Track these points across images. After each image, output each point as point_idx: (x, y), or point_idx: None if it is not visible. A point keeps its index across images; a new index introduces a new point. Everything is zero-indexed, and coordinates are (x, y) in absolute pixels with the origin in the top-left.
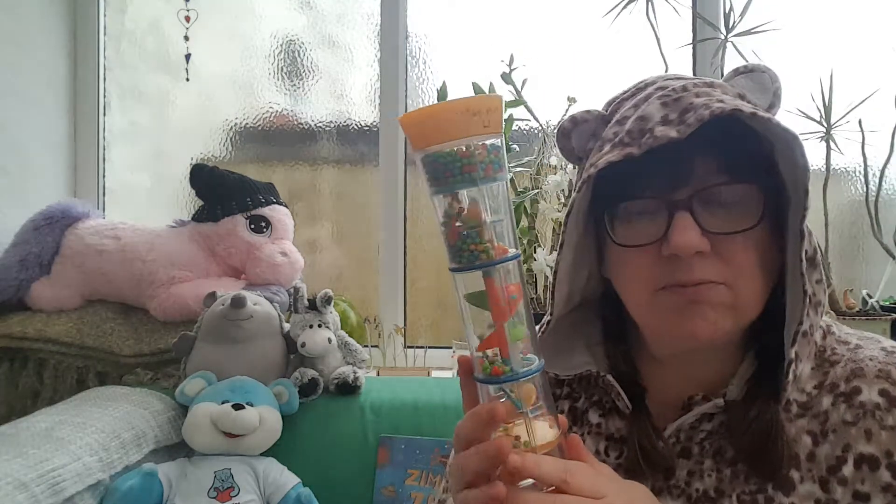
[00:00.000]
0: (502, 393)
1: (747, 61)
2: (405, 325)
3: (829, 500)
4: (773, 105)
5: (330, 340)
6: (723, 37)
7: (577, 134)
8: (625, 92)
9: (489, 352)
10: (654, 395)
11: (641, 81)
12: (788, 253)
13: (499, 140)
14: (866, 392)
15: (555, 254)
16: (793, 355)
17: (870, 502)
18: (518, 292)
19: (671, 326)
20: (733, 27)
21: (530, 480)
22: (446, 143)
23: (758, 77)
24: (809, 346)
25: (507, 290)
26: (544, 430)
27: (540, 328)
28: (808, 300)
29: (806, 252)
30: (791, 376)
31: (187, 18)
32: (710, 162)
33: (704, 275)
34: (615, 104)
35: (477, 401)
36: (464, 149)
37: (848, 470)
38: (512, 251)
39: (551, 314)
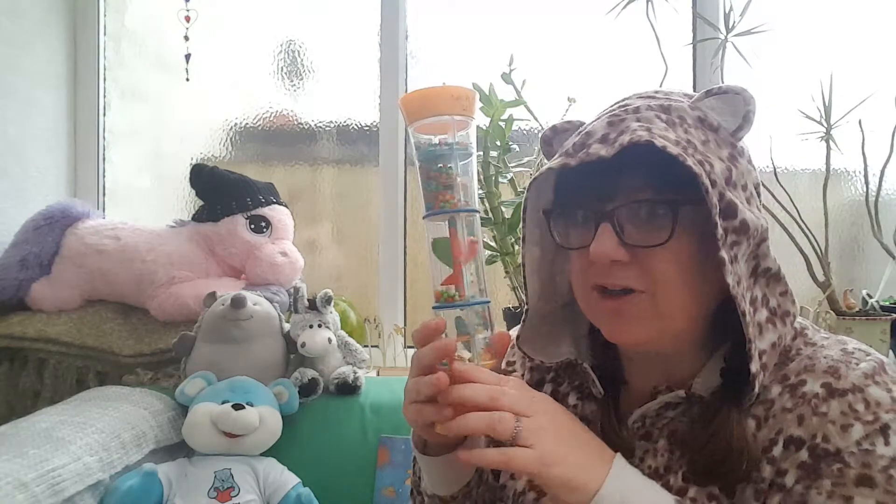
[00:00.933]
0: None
1: (747, 61)
2: (405, 325)
3: (758, 478)
4: (740, 128)
5: (330, 340)
6: (723, 37)
7: (557, 142)
8: (611, 105)
9: (450, 287)
10: (630, 386)
11: (623, 97)
12: (726, 274)
13: (472, 123)
14: (810, 384)
15: None
16: (754, 369)
17: (785, 477)
18: (474, 243)
19: (605, 330)
20: (733, 27)
21: None
22: (434, 118)
23: (730, 99)
24: (777, 355)
25: (467, 241)
26: (486, 356)
27: (521, 320)
28: (751, 318)
29: (767, 270)
30: (757, 388)
31: (187, 18)
32: (639, 180)
33: (623, 281)
34: (599, 113)
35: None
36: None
37: (777, 451)
38: (472, 207)
39: (527, 306)
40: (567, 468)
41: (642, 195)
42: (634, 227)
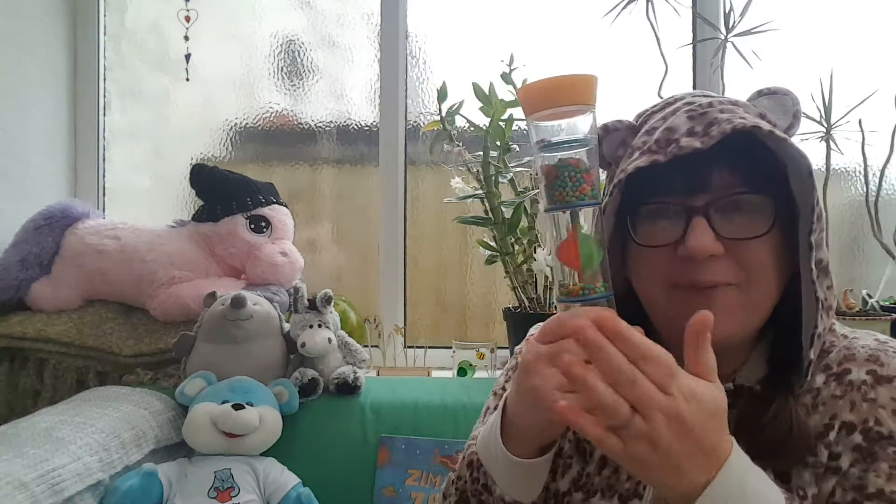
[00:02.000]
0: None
1: (747, 61)
2: (405, 325)
3: (815, 462)
4: (791, 126)
5: (330, 340)
6: (723, 37)
7: (607, 141)
8: (654, 106)
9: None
10: None
11: (671, 97)
12: (801, 262)
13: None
14: (855, 372)
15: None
16: (812, 356)
17: (839, 460)
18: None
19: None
20: (733, 27)
21: None
22: (568, 107)
23: (780, 99)
24: (820, 343)
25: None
26: None
27: None
28: (820, 305)
29: (820, 262)
30: (809, 376)
31: (187, 18)
32: (728, 173)
33: (717, 276)
34: (645, 116)
35: None
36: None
37: (833, 435)
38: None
39: None
40: (655, 478)
41: (738, 188)
42: (730, 220)
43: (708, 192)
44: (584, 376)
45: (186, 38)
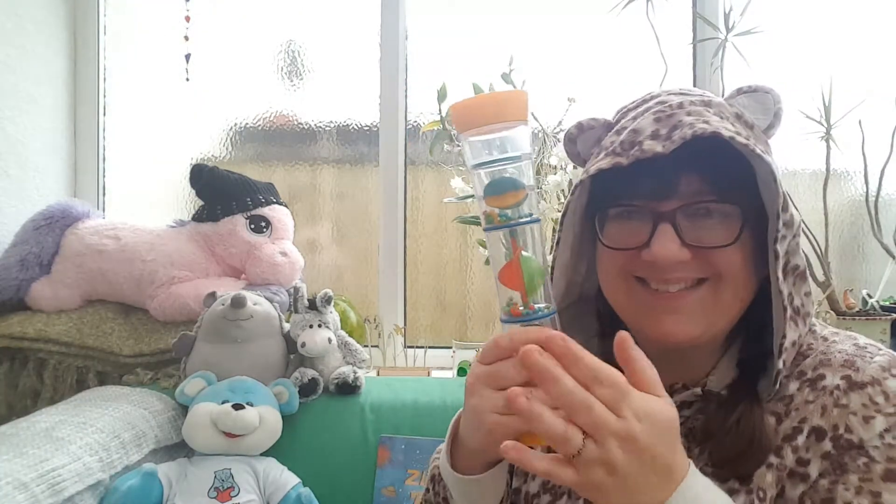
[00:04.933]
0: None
1: (747, 61)
2: (405, 325)
3: (779, 465)
4: (772, 125)
5: (330, 340)
6: (723, 37)
7: (582, 140)
8: (633, 102)
9: (514, 297)
10: None
11: (648, 94)
12: (770, 269)
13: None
14: (830, 378)
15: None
16: (780, 365)
17: (808, 466)
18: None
19: (652, 326)
20: (733, 27)
21: None
22: (492, 125)
23: (760, 97)
24: (794, 351)
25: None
26: None
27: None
28: (794, 312)
29: (796, 267)
30: (778, 385)
31: (187, 18)
32: (695, 178)
33: (687, 275)
34: (621, 113)
35: None
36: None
37: (801, 439)
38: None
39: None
40: (612, 501)
41: (707, 196)
42: (697, 227)
43: (675, 198)
44: (530, 408)
45: (186, 38)
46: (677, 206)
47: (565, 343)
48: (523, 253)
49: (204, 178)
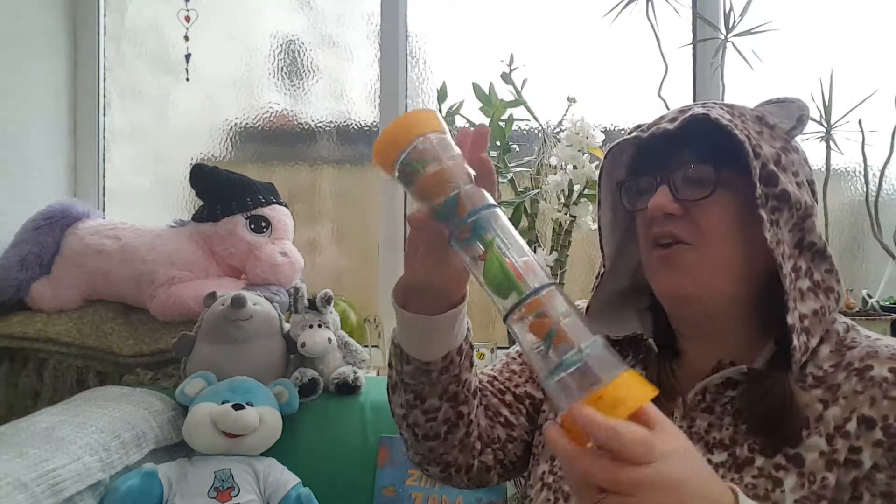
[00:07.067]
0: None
1: (747, 61)
2: None
3: (831, 451)
4: (794, 128)
5: (330, 340)
6: (723, 37)
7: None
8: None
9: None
10: (688, 363)
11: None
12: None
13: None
14: (877, 369)
15: (554, 254)
16: (798, 340)
17: (861, 454)
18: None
19: (655, 282)
20: (733, 27)
21: None
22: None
23: (786, 106)
24: (822, 325)
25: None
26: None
27: (593, 287)
28: (792, 284)
29: (813, 244)
30: (798, 346)
31: (187, 18)
32: (694, 152)
33: (674, 231)
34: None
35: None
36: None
37: (851, 427)
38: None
39: (602, 270)
40: None
41: (698, 163)
42: (685, 185)
43: (675, 166)
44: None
45: (186, 38)
46: (673, 169)
47: (591, 416)
48: (481, 262)
49: (204, 178)
